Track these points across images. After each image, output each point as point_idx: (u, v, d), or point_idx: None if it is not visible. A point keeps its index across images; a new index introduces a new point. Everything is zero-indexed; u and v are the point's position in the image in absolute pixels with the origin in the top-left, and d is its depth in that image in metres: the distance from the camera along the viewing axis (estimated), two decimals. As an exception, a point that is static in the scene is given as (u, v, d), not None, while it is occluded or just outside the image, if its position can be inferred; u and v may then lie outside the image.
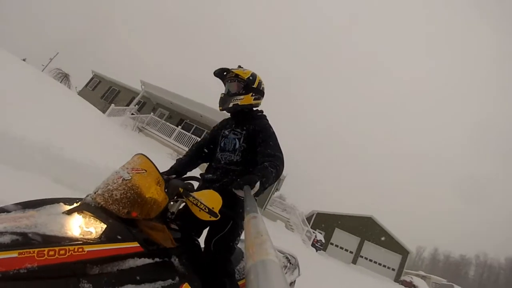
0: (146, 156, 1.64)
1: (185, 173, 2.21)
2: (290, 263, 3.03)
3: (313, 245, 20.86)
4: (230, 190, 1.86)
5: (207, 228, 1.99)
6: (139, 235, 1.39)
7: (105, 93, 28.62)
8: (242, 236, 2.07)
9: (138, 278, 1.28)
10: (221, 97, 2.21)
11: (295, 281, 3.20)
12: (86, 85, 29.70)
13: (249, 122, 2.16)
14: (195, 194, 1.59)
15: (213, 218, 1.53)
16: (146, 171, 1.56)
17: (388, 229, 29.41)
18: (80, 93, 26.46)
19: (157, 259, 1.42)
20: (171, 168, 2.20)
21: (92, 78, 29.84)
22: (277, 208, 24.52)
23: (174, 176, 2.07)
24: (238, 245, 2.11)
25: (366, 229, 29.04)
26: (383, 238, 29.04)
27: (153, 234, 1.46)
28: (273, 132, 2.10)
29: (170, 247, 1.53)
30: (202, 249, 1.92)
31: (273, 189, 22.63)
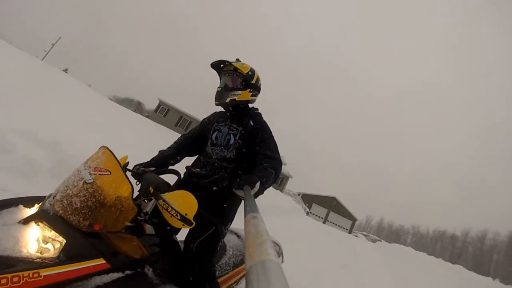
0: (110, 151, 1.25)
1: (167, 167, 1.80)
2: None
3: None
4: (220, 189, 1.64)
5: None
6: (104, 249, 1.08)
7: (178, 121, 30.37)
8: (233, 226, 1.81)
9: None
10: (218, 91, 1.81)
11: None
12: (156, 110, 31.10)
13: (246, 118, 1.80)
14: (167, 195, 1.21)
15: (186, 226, 1.18)
16: (110, 172, 1.17)
17: (344, 205, 39.03)
18: (151, 117, 29.12)
19: (127, 272, 1.14)
20: (151, 159, 1.77)
21: (159, 105, 31.02)
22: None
23: (152, 169, 1.67)
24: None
25: (331, 204, 38.70)
26: (340, 210, 38.88)
27: (121, 246, 1.14)
28: (271, 133, 1.79)
29: (143, 257, 1.23)
30: (181, 248, 1.62)
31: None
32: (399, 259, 9.63)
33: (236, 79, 1.79)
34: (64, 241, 1.00)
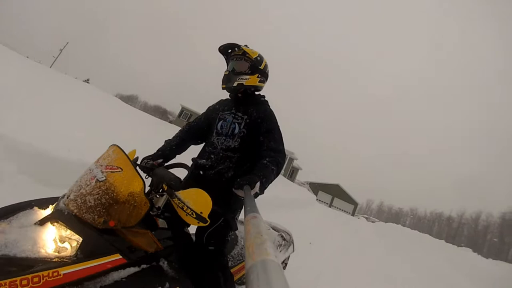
0: (120, 149, 1.21)
1: (174, 157, 1.72)
2: (284, 240, 2.47)
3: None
4: (226, 180, 1.56)
5: None
6: (120, 245, 1.06)
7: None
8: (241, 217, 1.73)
9: None
10: (225, 75, 1.67)
11: (289, 257, 2.68)
12: (179, 116, 31.53)
13: (252, 107, 1.67)
14: (181, 194, 1.17)
15: (201, 224, 1.14)
16: (122, 169, 1.13)
17: (346, 191, 40.41)
18: (175, 122, 29.07)
19: (143, 266, 1.11)
20: (158, 151, 1.69)
21: (182, 111, 31.34)
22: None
23: (160, 160, 1.60)
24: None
25: (335, 191, 40.36)
26: (343, 196, 40.39)
27: (136, 241, 1.11)
28: (277, 122, 1.67)
29: (157, 250, 1.20)
30: (193, 240, 1.58)
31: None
32: (389, 233, 12.67)
33: (244, 63, 1.66)
34: (81, 239, 0.98)
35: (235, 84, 1.63)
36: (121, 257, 1.02)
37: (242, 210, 1.59)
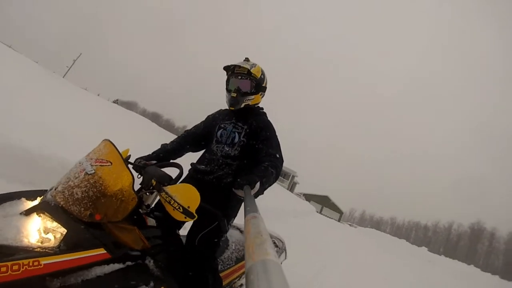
0: (112, 143, 1.11)
1: (168, 161, 1.60)
2: (277, 247, 2.27)
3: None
4: (224, 185, 1.47)
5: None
6: (105, 239, 0.96)
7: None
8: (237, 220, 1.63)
9: (106, 287, 0.89)
10: (232, 97, 1.56)
11: (281, 263, 2.52)
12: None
13: (251, 118, 1.60)
14: (169, 188, 1.07)
15: (188, 219, 1.04)
16: (111, 163, 1.03)
17: (334, 201, 45.14)
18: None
19: (128, 263, 1.00)
20: (153, 153, 1.59)
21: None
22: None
23: (154, 162, 1.47)
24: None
25: (324, 201, 44.20)
26: (331, 205, 44.94)
27: (122, 236, 1.00)
28: (275, 132, 1.60)
29: (144, 248, 1.08)
30: (184, 242, 1.47)
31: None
32: (367, 236, 16.24)
33: (250, 83, 1.58)
34: (65, 231, 0.89)
35: (242, 106, 1.58)
36: (105, 252, 0.93)
37: (238, 212, 1.53)
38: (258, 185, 1.19)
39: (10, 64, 7.26)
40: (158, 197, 1.20)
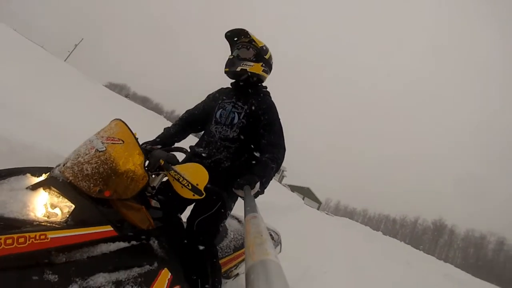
0: (124, 123, 1.08)
1: (172, 144, 1.56)
2: (273, 239, 2.20)
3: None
4: (222, 170, 1.39)
5: (192, 205, 1.45)
6: (112, 217, 0.93)
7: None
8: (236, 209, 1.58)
9: (111, 265, 0.87)
10: (229, 59, 1.48)
11: None
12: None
13: (253, 97, 1.48)
14: (178, 167, 1.05)
15: (197, 197, 1.02)
16: (123, 141, 1.00)
17: (314, 193, 47.90)
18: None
19: (133, 243, 0.99)
20: (156, 138, 1.53)
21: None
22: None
23: (158, 147, 1.41)
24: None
25: (306, 192, 45.78)
26: (311, 196, 47.05)
27: (129, 215, 0.98)
28: (278, 115, 1.49)
29: (149, 228, 1.07)
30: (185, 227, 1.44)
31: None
32: (339, 223, 16.83)
33: (250, 51, 1.48)
34: (73, 206, 0.86)
35: (238, 69, 1.45)
36: (112, 229, 0.90)
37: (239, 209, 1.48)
38: (258, 185, 1.17)
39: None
40: (162, 180, 1.17)
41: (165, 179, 1.20)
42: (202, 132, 1.62)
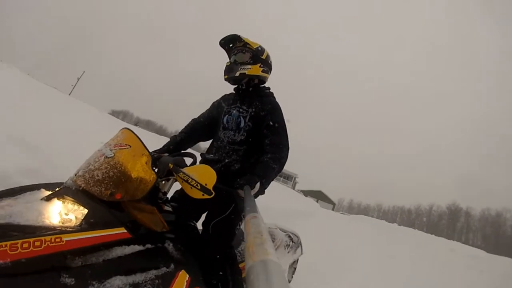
0: (131, 130, 1.11)
1: (180, 152, 1.56)
2: (292, 241, 2.15)
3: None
4: (232, 173, 1.37)
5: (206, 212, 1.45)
6: (125, 219, 0.95)
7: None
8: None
9: (127, 268, 0.88)
10: (227, 65, 1.49)
11: (297, 259, 2.33)
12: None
13: (256, 99, 1.48)
14: (186, 169, 1.07)
15: (206, 196, 1.03)
16: (130, 146, 1.03)
17: (327, 194, 48.51)
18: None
19: (148, 246, 0.99)
20: (163, 146, 1.53)
21: None
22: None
23: (166, 154, 1.41)
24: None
25: (319, 195, 46.06)
26: (325, 198, 47.08)
27: (141, 217, 0.99)
28: (282, 115, 1.48)
29: (163, 230, 1.07)
30: (200, 232, 1.42)
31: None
32: (353, 221, 15.34)
33: (246, 54, 1.48)
34: (86, 211, 0.88)
35: (237, 74, 1.44)
36: (125, 231, 0.91)
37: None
38: (258, 185, 1.17)
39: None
40: (172, 185, 1.18)
41: (174, 184, 1.20)
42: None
